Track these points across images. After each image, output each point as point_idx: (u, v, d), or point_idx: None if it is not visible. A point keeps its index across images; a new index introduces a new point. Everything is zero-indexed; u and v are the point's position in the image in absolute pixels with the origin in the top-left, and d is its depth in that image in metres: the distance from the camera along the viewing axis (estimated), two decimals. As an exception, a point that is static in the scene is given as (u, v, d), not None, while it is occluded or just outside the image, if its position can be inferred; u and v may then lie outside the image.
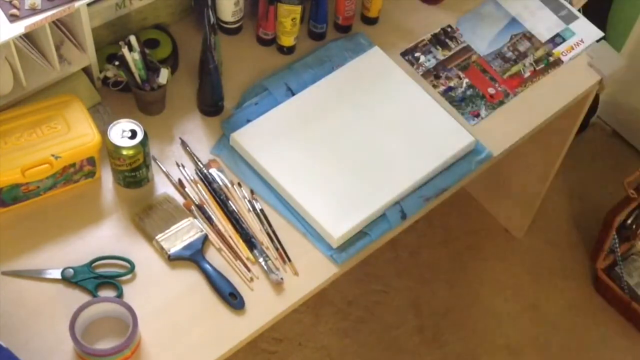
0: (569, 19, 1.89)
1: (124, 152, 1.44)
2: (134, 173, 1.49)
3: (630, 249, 2.38)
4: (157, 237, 1.45)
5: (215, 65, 1.56)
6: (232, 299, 1.41)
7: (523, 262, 2.45)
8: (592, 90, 1.86)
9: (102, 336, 1.35)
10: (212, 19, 1.54)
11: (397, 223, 1.54)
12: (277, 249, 1.48)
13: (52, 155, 1.43)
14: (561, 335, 2.33)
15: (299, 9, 1.68)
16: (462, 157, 1.64)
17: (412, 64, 1.77)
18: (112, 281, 1.41)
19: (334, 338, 2.26)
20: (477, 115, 1.72)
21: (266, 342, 2.21)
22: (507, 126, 1.72)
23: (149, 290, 1.41)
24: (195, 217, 1.50)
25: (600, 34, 1.89)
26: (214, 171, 1.55)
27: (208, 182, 1.54)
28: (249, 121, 1.61)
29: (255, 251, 1.47)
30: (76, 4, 1.42)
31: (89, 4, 1.47)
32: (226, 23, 1.74)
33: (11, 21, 1.38)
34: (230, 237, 1.49)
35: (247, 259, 1.47)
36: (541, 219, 2.50)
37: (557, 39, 1.86)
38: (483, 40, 1.84)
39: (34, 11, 1.39)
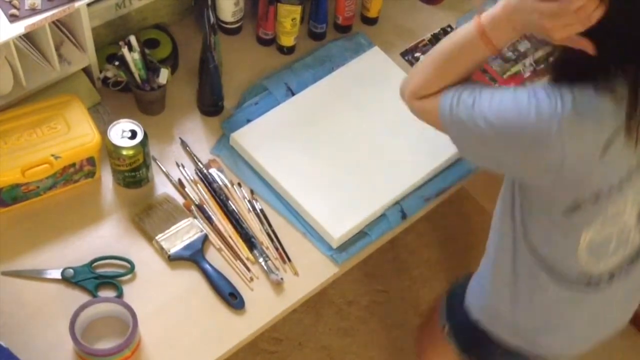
0: (569, 19, 1.89)
1: (124, 152, 1.44)
2: (134, 173, 1.49)
3: (630, 249, 2.37)
4: (157, 237, 1.45)
5: (215, 65, 1.56)
6: (232, 299, 1.41)
7: (523, 262, 2.45)
8: (592, 90, 1.86)
9: (102, 336, 1.35)
10: (212, 19, 1.54)
11: (397, 223, 1.55)
12: (277, 249, 1.48)
13: (52, 155, 1.43)
14: (561, 335, 2.33)
15: (299, 9, 1.68)
16: (462, 157, 1.64)
17: (412, 64, 1.77)
18: (112, 281, 1.41)
19: (334, 338, 2.26)
20: (477, 115, 1.71)
21: (266, 342, 2.21)
22: (507, 126, 1.71)
23: (149, 290, 1.41)
24: (195, 217, 1.50)
25: (600, 34, 1.88)
26: (214, 171, 1.55)
27: (208, 182, 1.54)
28: (249, 121, 1.61)
29: (255, 251, 1.47)
30: (76, 4, 1.42)
31: (89, 4, 1.47)
32: (226, 23, 1.74)
33: (11, 21, 1.38)
34: (230, 237, 1.49)
35: (247, 259, 1.47)
36: (541, 219, 2.49)
37: (557, 39, 1.86)
38: (483, 40, 1.83)
39: (34, 11, 1.39)
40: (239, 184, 1.56)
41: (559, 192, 1.18)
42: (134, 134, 1.45)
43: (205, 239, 1.47)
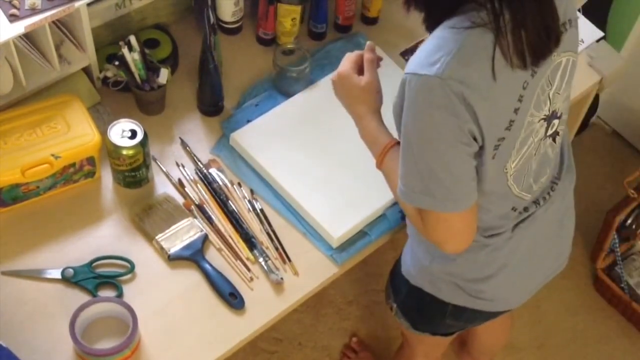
0: (569, 18, 1.89)
1: (124, 152, 1.44)
2: (134, 173, 1.49)
3: (630, 248, 2.37)
4: (157, 237, 1.45)
5: (215, 65, 1.56)
6: (232, 299, 1.41)
7: (523, 262, 2.45)
8: (592, 90, 1.86)
9: (102, 336, 1.35)
10: (212, 19, 1.54)
11: (397, 223, 1.54)
12: (277, 249, 1.48)
13: (52, 155, 1.43)
14: (561, 335, 2.33)
15: (299, 9, 1.68)
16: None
17: (412, 64, 1.77)
18: (112, 281, 1.41)
19: (334, 338, 2.26)
20: (477, 115, 1.71)
21: (266, 342, 2.21)
22: (507, 126, 1.71)
23: (149, 290, 1.41)
24: (195, 217, 1.50)
25: (600, 33, 1.88)
26: (213, 171, 1.55)
27: (208, 182, 1.54)
28: (249, 121, 1.61)
29: (255, 251, 1.47)
30: (76, 4, 1.42)
31: (89, 4, 1.47)
32: (226, 23, 1.74)
33: (11, 21, 1.38)
34: (230, 237, 1.49)
35: (247, 259, 1.47)
36: (541, 219, 2.49)
37: (557, 39, 1.86)
38: (483, 40, 1.83)
39: (34, 11, 1.39)
40: (239, 184, 1.56)
41: (488, 139, 1.19)
42: (134, 134, 1.45)
43: (205, 238, 1.47)
